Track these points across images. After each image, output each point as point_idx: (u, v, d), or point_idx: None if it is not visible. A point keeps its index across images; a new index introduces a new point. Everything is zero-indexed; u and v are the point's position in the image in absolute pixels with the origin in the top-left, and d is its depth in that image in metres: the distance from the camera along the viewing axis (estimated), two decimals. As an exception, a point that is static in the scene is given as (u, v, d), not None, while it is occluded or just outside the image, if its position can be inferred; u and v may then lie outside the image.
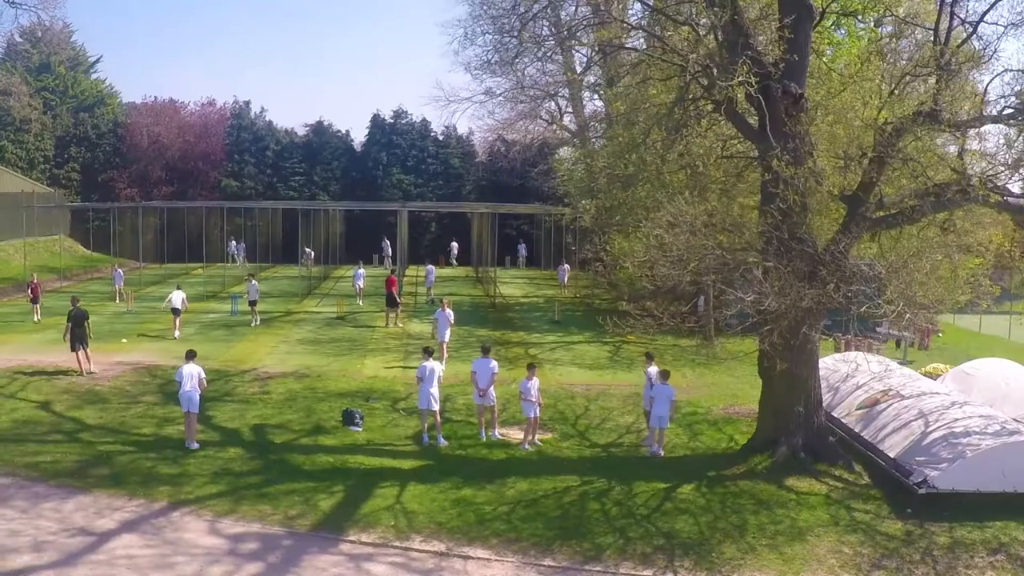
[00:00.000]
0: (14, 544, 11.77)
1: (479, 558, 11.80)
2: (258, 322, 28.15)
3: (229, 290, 35.27)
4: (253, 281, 29.05)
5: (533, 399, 16.02)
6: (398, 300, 29.28)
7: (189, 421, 15.91)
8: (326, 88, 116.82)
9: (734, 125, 14.40)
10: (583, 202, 36.46)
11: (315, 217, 42.25)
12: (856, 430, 16.47)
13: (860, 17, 19.67)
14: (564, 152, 49.91)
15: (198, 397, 15.89)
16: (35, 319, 28.22)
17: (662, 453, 15.86)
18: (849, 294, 12.95)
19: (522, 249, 51.09)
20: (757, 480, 14.43)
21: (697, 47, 14.33)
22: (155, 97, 54.86)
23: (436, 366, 16.18)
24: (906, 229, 14.96)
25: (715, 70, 13.70)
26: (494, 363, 16.74)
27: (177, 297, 26.28)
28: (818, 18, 15.19)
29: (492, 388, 16.46)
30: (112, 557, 11.54)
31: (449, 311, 23.14)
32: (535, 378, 16.36)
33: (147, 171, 51.97)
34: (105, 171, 52.04)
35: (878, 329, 26.86)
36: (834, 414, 17.09)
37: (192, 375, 15.86)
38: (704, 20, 15.51)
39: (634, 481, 14.28)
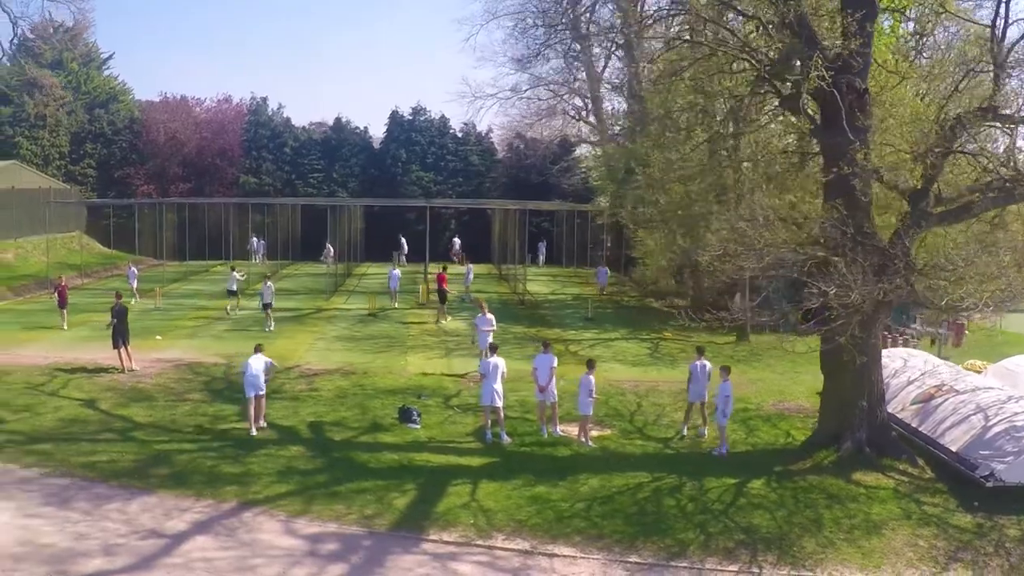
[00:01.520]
0: (84, 548, 11.53)
1: (565, 556, 11.75)
2: (272, 327, 26.61)
3: (254, 287, 35.11)
4: (268, 283, 27.59)
5: (593, 397, 16.01)
6: (447, 296, 29.76)
7: (256, 405, 16.32)
8: (340, 86, 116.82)
9: (805, 119, 14.34)
10: (604, 201, 36.45)
11: (337, 214, 42.07)
12: (913, 425, 16.46)
13: (907, 12, 19.66)
14: (583, 149, 49.86)
15: (263, 382, 16.40)
16: (63, 326, 25.83)
17: (726, 451, 15.82)
18: (930, 287, 12.93)
19: (542, 247, 50.84)
20: (824, 475, 14.42)
21: (762, 40, 14.27)
22: (167, 94, 54.63)
23: (500, 362, 16.10)
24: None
25: (785, 64, 13.64)
26: (555, 359, 16.68)
27: (233, 280, 29.47)
28: (877, 13, 15.17)
29: (553, 383, 16.38)
30: (188, 560, 11.32)
31: (490, 316, 22.06)
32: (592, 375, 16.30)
33: (164, 167, 51.65)
34: (121, 167, 51.64)
35: (913, 326, 26.88)
36: (888, 409, 17.06)
37: (259, 364, 16.41)
38: (751, 10, 15.41)
39: (703, 476, 14.27)
